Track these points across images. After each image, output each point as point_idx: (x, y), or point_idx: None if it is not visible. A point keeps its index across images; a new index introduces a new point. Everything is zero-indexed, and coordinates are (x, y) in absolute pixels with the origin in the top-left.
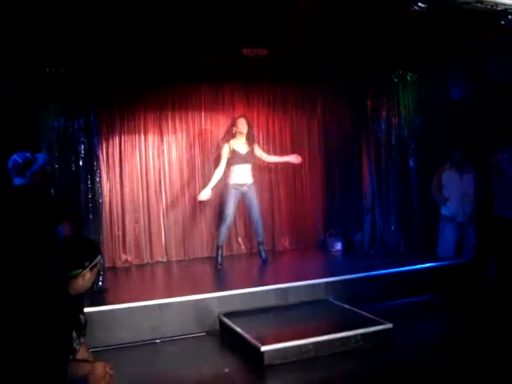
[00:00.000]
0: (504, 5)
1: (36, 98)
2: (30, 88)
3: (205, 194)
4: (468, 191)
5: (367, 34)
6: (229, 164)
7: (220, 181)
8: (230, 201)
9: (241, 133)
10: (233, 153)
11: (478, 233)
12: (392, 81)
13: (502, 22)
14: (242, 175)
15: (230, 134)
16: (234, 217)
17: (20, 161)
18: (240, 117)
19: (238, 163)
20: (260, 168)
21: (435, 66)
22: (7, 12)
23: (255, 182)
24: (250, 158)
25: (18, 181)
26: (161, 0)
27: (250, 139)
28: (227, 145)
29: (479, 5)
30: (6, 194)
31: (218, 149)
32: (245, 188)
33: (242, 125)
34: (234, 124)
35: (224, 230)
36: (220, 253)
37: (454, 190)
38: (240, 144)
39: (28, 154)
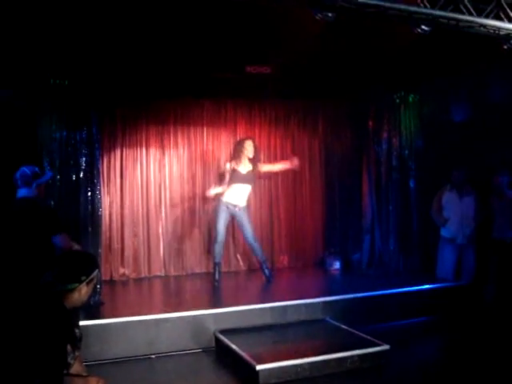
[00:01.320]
0: (507, 29)
1: (39, 109)
2: (33, 99)
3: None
4: (468, 213)
5: (370, 54)
6: (229, 183)
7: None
8: (220, 218)
9: (246, 156)
10: (233, 171)
11: (477, 255)
12: (394, 101)
13: (505, 47)
14: (238, 196)
15: (236, 154)
16: (227, 234)
17: (28, 171)
18: (248, 139)
19: (237, 182)
20: (260, 185)
21: (437, 88)
22: (13, 24)
23: (248, 206)
24: (250, 179)
25: (22, 192)
26: (165, 17)
27: (255, 161)
28: (228, 164)
29: (482, 29)
30: (8, 207)
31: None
32: (236, 209)
33: (250, 147)
34: (241, 145)
35: (217, 247)
36: (217, 269)
37: (454, 211)
38: (242, 164)
39: (37, 168)
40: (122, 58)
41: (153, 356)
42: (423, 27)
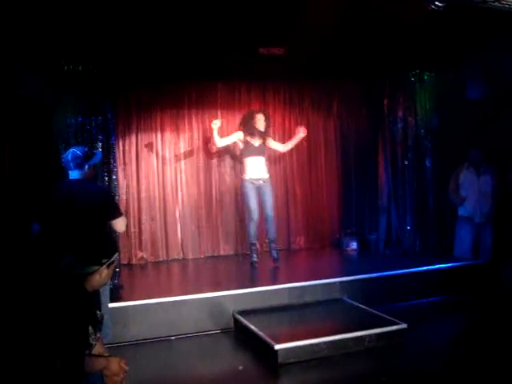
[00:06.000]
0: None
1: (53, 95)
2: (47, 85)
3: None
4: (485, 191)
5: (384, 32)
6: (242, 156)
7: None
8: (249, 196)
9: (257, 129)
10: (246, 143)
11: (494, 233)
12: (409, 80)
13: None
14: (257, 169)
15: (247, 127)
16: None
17: (79, 153)
18: (259, 112)
19: (251, 155)
20: (276, 166)
21: (452, 66)
22: (26, 11)
23: (271, 177)
24: (263, 150)
25: (74, 174)
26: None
27: (265, 134)
28: (241, 132)
29: (497, 4)
30: (57, 188)
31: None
32: (261, 182)
33: (260, 121)
34: (252, 118)
35: (252, 226)
36: (254, 249)
37: (471, 190)
38: (254, 137)
39: (86, 149)
40: (135, 41)
41: (172, 337)
42: (437, 3)
